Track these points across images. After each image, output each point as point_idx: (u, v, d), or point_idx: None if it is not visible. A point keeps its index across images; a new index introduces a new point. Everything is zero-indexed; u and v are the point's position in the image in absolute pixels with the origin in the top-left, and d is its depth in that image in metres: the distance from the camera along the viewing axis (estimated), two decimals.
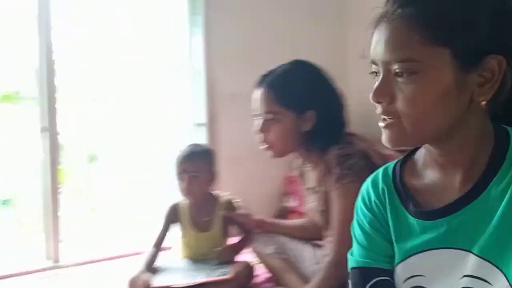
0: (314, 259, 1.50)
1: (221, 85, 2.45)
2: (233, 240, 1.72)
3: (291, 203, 2.51)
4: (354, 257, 0.82)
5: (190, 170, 1.60)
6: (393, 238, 0.75)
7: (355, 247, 0.83)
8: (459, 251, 0.66)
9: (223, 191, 1.77)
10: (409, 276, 0.72)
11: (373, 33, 0.69)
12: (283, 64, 1.36)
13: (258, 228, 1.62)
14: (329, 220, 1.27)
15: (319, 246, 1.56)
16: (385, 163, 0.84)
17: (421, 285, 0.71)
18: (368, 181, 0.83)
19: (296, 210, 2.48)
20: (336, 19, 2.76)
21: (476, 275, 0.64)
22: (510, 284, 0.60)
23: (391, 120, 0.66)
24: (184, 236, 1.68)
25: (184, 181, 1.60)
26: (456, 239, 0.67)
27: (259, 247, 1.59)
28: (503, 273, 0.61)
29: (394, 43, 0.63)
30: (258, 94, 1.34)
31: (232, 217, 1.66)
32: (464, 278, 0.65)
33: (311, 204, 1.42)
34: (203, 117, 2.45)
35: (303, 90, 1.30)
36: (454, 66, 0.61)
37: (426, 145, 0.71)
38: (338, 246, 1.19)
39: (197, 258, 1.64)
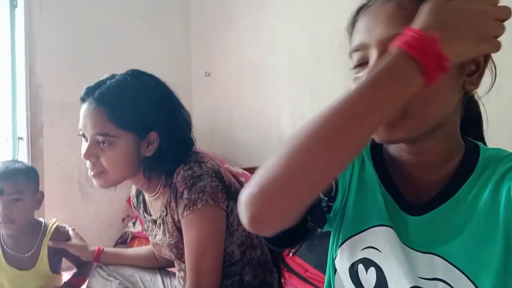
0: None
1: (48, 92, 2.09)
2: (65, 276, 1.42)
3: (134, 228, 2.26)
4: None
5: (10, 191, 1.27)
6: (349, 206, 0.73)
7: None
8: (414, 251, 0.66)
9: (50, 217, 1.45)
10: (366, 246, 0.70)
11: (352, 26, 0.65)
12: (114, 75, 1.10)
13: (96, 260, 1.36)
14: (183, 253, 1.08)
15: (172, 274, 1.39)
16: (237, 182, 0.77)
17: (374, 259, 0.69)
18: None
19: (139, 235, 2.25)
20: (181, 34, 2.65)
21: (439, 278, 0.63)
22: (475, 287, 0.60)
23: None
24: None
25: None
26: (419, 241, 0.66)
27: (97, 284, 1.34)
28: (471, 282, 0.61)
29: (403, 17, 0.58)
30: (85, 110, 1.06)
31: (62, 249, 1.36)
32: (416, 279, 0.65)
33: (157, 237, 1.19)
34: (23, 130, 2.04)
35: (143, 107, 1.05)
36: None
37: (399, 146, 0.68)
38: (194, 281, 1.02)
39: None
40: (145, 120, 1.05)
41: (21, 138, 2.03)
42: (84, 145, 1.06)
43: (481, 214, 0.61)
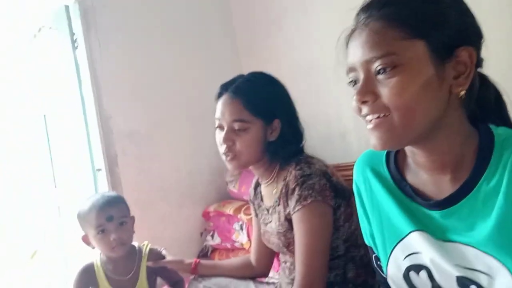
0: None
1: (117, 123, 2.20)
2: None
3: (213, 240, 2.31)
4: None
5: (118, 216, 1.37)
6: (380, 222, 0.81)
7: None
8: (449, 243, 0.70)
9: (135, 240, 1.53)
10: (408, 253, 0.76)
11: (346, 47, 0.73)
12: (241, 75, 1.31)
13: (194, 272, 1.42)
14: (291, 242, 1.18)
15: (266, 283, 1.43)
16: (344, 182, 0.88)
17: (420, 263, 0.74)
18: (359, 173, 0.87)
19: (219, 247, 2.30)
20: (228, 48, 2.71)
21: (473, 268, 0.66)
22: None
23: (379, 118, 0.67)
24: None
25: (111, 231, 1.35)
26: (446, 234, 0.70)
27: None
28: (505, 267, 0.63)
29: (372, 42, 0.67)
30: (223, 101, 1.24)
31: (160, 268, 1.43)
32: (459, 268, 0.68)
33: (269, 225, 1.29)
34: (100, 161, 2.16)
35: (269, 98, 1.24)
36: (430, 58, 0.65)
37: (411, 149, 0.73)
38: (305, 273, 1.08)
39: None
40: (271, 108, 1.23)
41: (99, 170, 2.15)
42: (219, 134, 1.25)
43: (504, 201, 0.63)
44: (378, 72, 0.66)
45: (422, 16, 0.66)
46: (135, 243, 1.49)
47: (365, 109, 0.69)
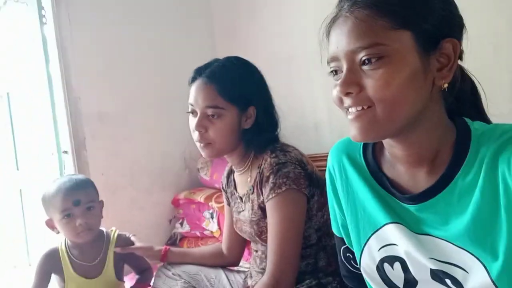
0: (231, 286, 1.35)
1: (86, 105, 2.12)
2: (129, 281, 1.45)
3: (182, 228, 2.28)
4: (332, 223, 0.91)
5: (85, 200, 1.31)
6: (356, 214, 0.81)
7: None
8: (424, 236, 0.70)
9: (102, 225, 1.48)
10: (383, 244, 0.76)
11: (327, 35, 0.70)
12: (216, 59, 1.26)
13: (163, 260, 1.39)
14: (264, 231, 1.16)
15: (237, 271, 1.42)
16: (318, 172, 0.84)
17: (395, 254, 0.74)
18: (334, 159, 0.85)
19: (188, 235, 2.28)
20: (205, 32, 2.65)
21: (448, 261, 0.67)
22: (487, 271, 0.62)
23: (361, 110, 0.66)
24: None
25: (77, 216, 1.29)
26: (421, 227, 0.70)
27: (163, 283, 1.36)
28: (480, 262, 0.63)
29: (359, 31, 0.64)
30: (197, 87, 1.20)
31: (128, 254, 1.39)
32: (434, 261, 0.68)
33: (241, 213, 1.27)
34: (67, 144, 2.08)
35: (245, 84, 1.20)
36: (416, 49, 0.64)
37: (388, 142, 0.72)
38: (277, 262, 1.07)
39: None
40: (247, 95, 1.19)
41: (66, 152, 2.07)
42: (193, 120, 1.20)
43: (480, 196, 0.63)
44: (363, 63, 0.64)
45: (410, 5, 0.64)
46: (102, 228, 1.44)
47: (347, 101, 0.66)
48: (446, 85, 0.66)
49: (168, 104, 2.36)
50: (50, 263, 1.34)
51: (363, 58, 0.63)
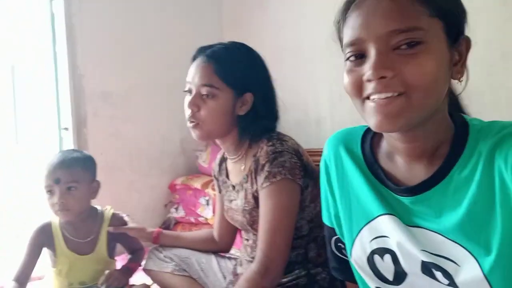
0: (221, 272, 1.36)
1: (90, 83, 2.12)
2: (120, 260, 1.46)
3: (177, 213, 2.29)
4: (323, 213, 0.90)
5: (66, 180, 1.29)
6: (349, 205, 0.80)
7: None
8: (416, 228, 0.70)
9: (96, 204, 1.48)
10: (376, 236, 0.76)
11: (347, 16, 0.66)
12: (220, 42, 1.23)
13: (155, 242, 1.40)
14: (256, 220, 1.15)
15: (228, 258, 1.42)
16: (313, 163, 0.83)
17: (386, 246, 0.74)
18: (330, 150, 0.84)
19: (183, 220, 2.29)
20: (213, 20, 2.64)
21: (440, 254, 0.67)
22: (480, 265, 0.62)
23: (391, 97, 0.61)
24: (59, 263, 1.35)
25: (55, 194, 1.29)
26: (414, 219, 0.70)
27: (154, 265, 1.37)
28: (473, 256, 0.63)
29: (398, 12, 0.61)
30: (196, 64, 1.19)
31: (121, 234, 1.40)
32: (425, 253, 0.68)
33: (234, 202, 1.26)
34: (68, 120, 2.08)
35: (244, 69, 1.17)
36: (445, 40, 0.63)
37: (392, 134, 0.71)
38: (266, 251, 1.06)
39: None
40: (245, 80, 1.17)
41: (66, 129, 2.07)
42: (188, 99, 1.19)
43: (476, 189, 0.63)
44: (398, 47, 0.60)
45: None
46: (98, 206, 1.44)
47: (377, 86, 0.61)
48: (461, 79, 0.67)
49: (171, 89, 2.35)
50: (43, 237, 1.35)
51: (401, 42, 0.60)
